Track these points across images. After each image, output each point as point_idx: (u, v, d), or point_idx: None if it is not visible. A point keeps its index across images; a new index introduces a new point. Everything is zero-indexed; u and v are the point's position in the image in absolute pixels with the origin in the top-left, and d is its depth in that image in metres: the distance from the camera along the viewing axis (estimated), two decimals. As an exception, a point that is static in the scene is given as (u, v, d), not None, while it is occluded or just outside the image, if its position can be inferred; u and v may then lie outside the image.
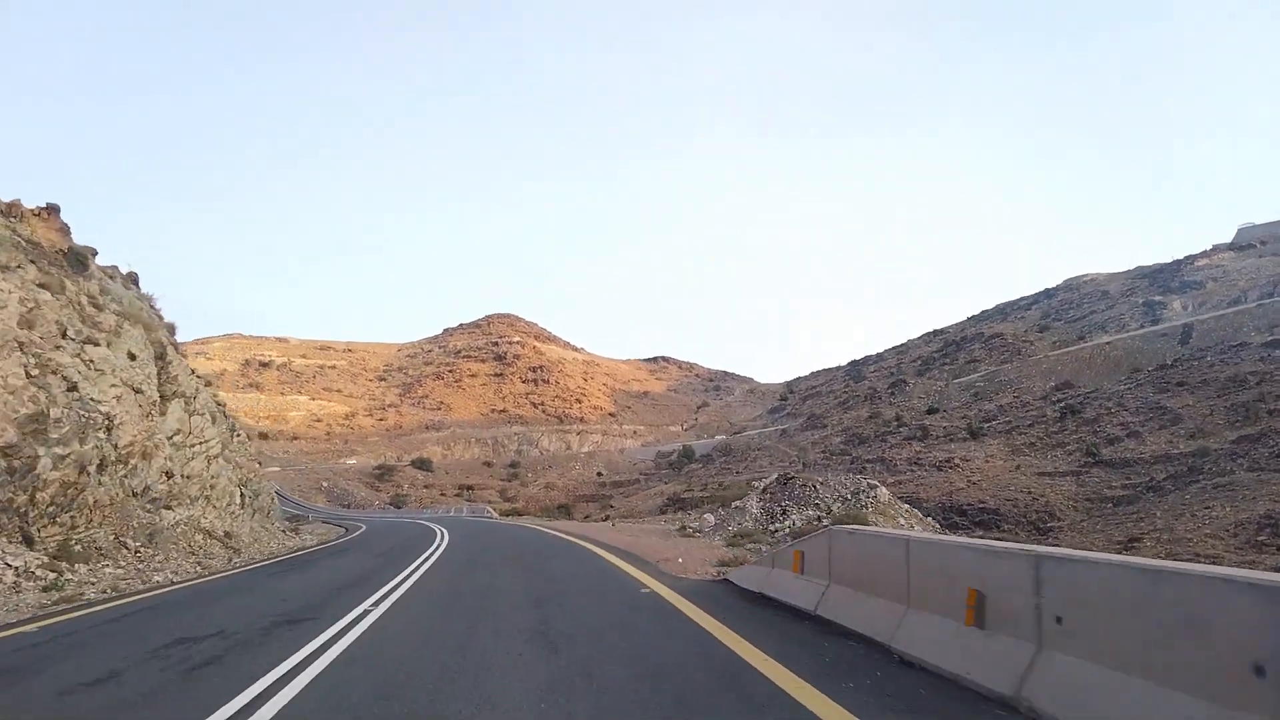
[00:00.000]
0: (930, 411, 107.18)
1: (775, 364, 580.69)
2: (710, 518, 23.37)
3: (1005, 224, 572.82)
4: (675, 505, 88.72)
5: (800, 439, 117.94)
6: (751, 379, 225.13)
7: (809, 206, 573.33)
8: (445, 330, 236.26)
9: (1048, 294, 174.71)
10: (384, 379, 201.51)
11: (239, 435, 31.19)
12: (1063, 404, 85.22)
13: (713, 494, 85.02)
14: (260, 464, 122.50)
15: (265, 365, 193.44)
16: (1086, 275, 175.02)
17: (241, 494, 25.93)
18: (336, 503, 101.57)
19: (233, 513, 23.71)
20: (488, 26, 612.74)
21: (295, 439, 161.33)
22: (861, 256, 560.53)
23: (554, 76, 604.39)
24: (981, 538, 31.95)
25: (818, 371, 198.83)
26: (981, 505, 55.97)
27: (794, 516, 21.80)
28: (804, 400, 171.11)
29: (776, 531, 20.77)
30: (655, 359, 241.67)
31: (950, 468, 72.93)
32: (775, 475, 28.40)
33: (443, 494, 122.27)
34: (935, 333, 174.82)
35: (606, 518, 59.94)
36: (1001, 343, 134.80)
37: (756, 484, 29.43)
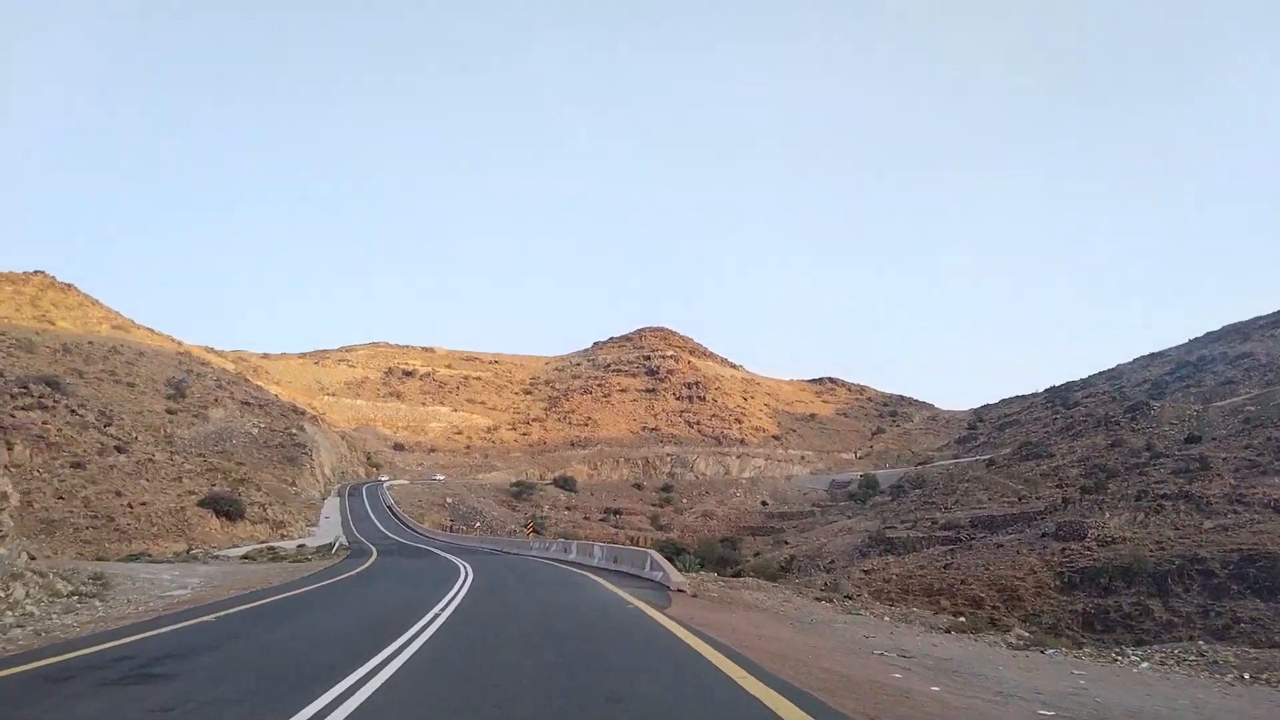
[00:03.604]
0: (1190, 440, 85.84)
1: (953, 391, 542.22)
2: None
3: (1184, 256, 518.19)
4: (882, 546, 69.21)
5: (1019, 470, 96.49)
6: (931, 405, 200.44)
7: (979, 229, 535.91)
8: (595, 343, 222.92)
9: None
10: (530, 392, 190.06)
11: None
12: None
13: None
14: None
15: (408, 374, 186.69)
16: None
17: None
18: (460, 522, 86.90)
19: None
20: (644, 34, 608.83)
21: (433, 450, 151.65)
22: (1041, 285, 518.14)
23: (709, 87, 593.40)
24: None
25: (1009, 399, 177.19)
26: None
27: None
28: (1000, 429, 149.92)
29: None
30: (821, 380, 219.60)
31: (1297, 510, 51.13)
32: None
33: (586, 517, 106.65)
34: (1154, 355, 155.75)
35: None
36: (1254, 363, 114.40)
37: None
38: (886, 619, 15.29)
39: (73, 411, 54.74)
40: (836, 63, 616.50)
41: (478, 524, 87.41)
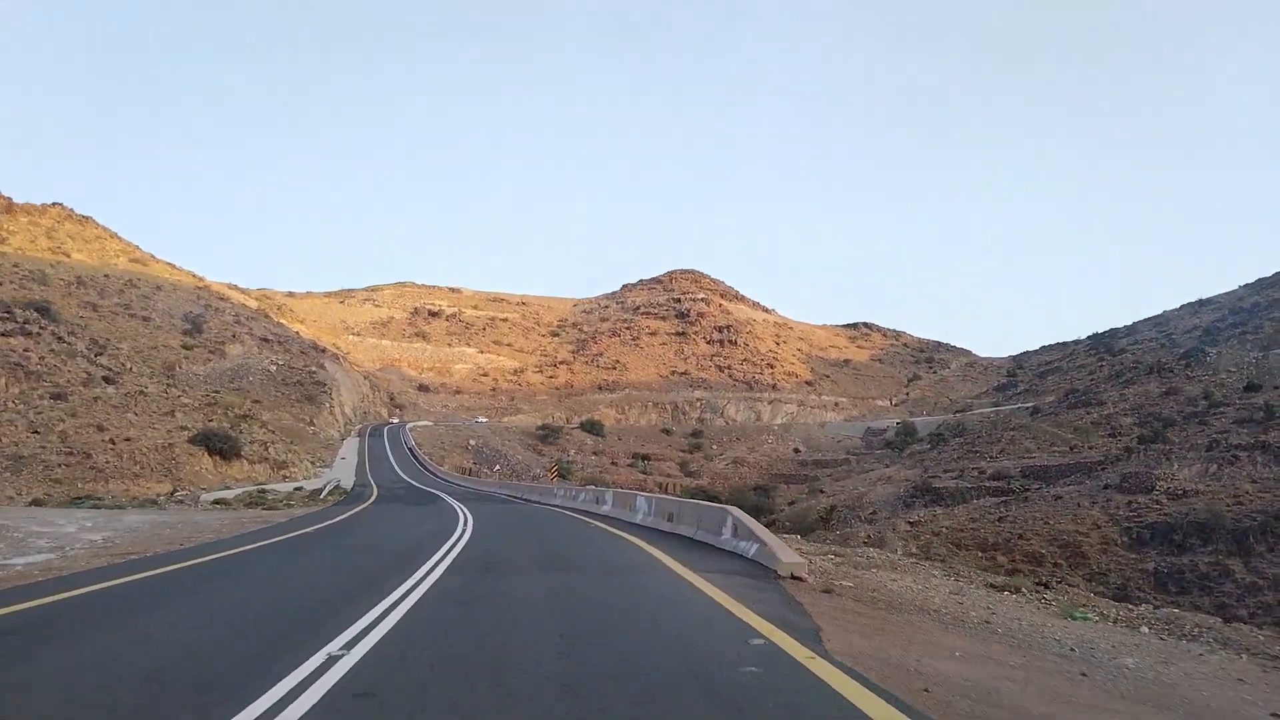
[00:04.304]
0: (1250, 388, 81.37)
1: (989, 337, 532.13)
2: None
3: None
4: (927, 496, 65.37)
5: (1068, 418, 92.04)
6: (970, 351, 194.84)
7: (1021, 173, 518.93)
8: (624, 286, 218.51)
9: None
10: (557, 334, 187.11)
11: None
12: None
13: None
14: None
15: (434, 315, 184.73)
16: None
17: None
18: (484, 465, 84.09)
19: None
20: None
21: (458, 393, 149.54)
22: (1080, 227, 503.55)
23: (742, 29, 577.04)
24: None
25: (1049, 346, 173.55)
26: None
27: None
28: (1041, 376, 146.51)
29: None
30: (855, 325, 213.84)
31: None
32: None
33: (614, 462, 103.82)
34: (1202, 302, 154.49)
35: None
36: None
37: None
38: (1145, 630, 9.42)
39: (60, 339, 51.28)
40: (871, 5, 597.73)
41: (497, 467, 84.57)
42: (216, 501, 32.34)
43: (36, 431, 37.90)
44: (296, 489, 42.29)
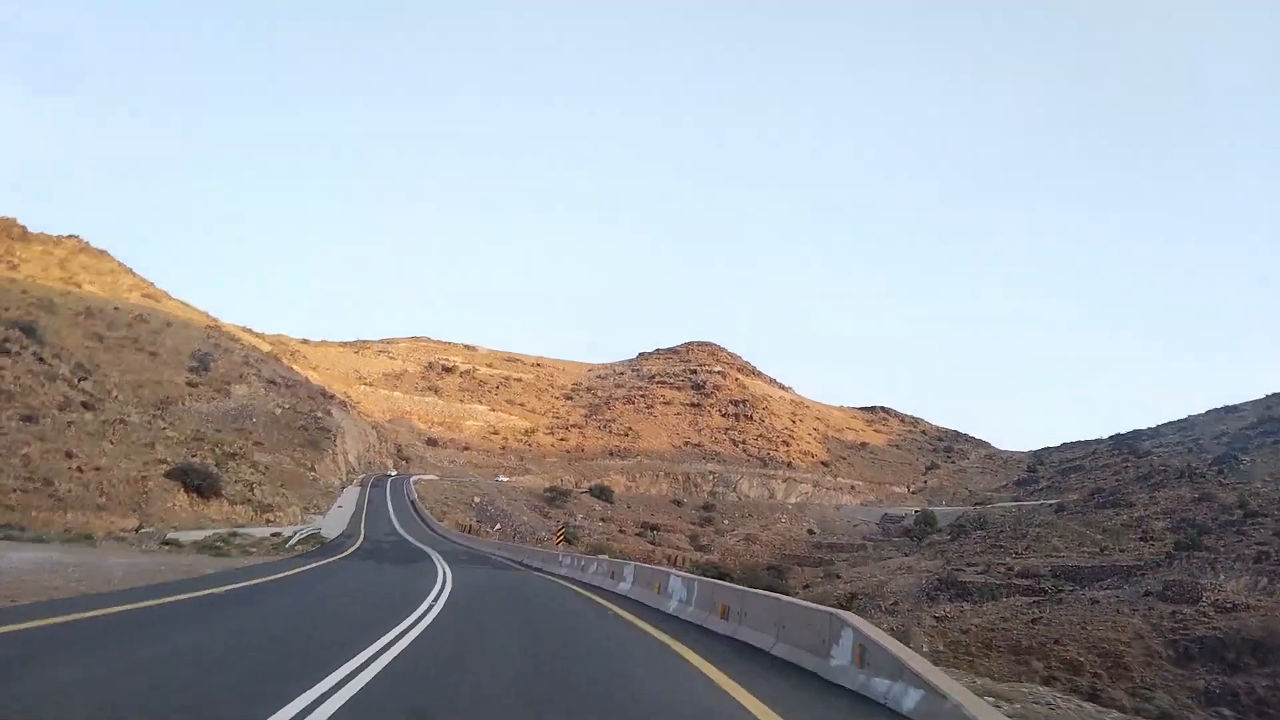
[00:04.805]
0: (1289, 499, 78.52)
1: (1007, 431, 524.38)
2: None
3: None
4: (953, 590, 61.75)
5: (1096, 518, 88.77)
6: (988, 443, 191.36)
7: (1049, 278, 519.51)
8: (640, 354, 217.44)
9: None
10: (570, 398, 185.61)
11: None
12: None
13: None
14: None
15: (448, 370, 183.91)
16: None
17: None
18: (486, 524, 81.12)
19: None
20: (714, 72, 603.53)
21: (466, 449, 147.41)
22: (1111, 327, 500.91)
23: (771, 107, 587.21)
24: None
25: (1070, 443, 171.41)
26: None
27: None
28: (1063, 473, 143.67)
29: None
30: (873, 409, 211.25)
31: None
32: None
33: (621, 530, 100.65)
34: (1228, 409, 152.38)
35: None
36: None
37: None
38: None
39: (41, 360, 48.73)
40: (902, 91, 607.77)
41: (498, 526, 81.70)
42: (168, 543, 28.86)
43: (-2, 454, 35.16)
44: (273, 534, 38.85)
